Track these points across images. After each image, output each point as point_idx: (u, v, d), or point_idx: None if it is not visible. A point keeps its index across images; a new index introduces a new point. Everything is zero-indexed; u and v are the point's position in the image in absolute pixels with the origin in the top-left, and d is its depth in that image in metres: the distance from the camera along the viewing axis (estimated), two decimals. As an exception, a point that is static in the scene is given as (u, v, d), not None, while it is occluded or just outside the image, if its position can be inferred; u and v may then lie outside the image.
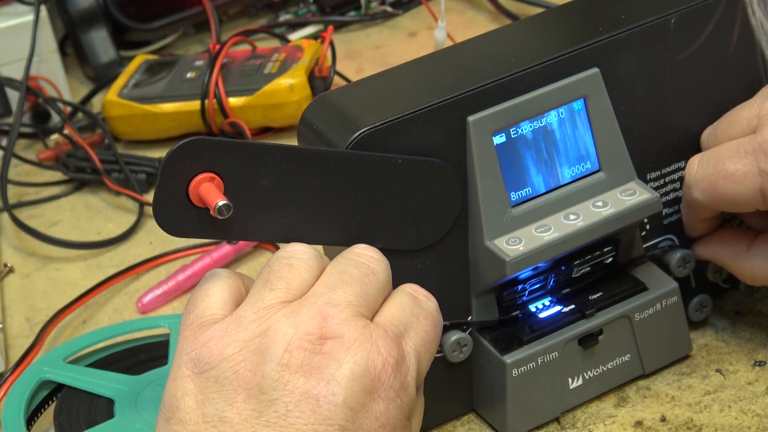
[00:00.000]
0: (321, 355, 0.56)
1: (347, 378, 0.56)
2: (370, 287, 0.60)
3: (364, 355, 0.57)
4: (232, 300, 0.60)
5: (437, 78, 0.68)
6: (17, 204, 1.00)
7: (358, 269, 0.60)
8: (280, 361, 0.56)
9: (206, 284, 0.61)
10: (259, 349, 0.56)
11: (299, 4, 1.22)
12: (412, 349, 0.59)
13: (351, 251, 0.62)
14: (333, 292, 0.59)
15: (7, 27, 1.07)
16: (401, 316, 0.60)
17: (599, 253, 0.71)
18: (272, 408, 0.55)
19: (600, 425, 0.71)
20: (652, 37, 0.70)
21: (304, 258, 0.61)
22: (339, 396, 0.56)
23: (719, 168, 0.67)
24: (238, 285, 0.61)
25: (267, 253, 0.91)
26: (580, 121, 0.69)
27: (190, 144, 0.61)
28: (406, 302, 0.61)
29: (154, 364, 0.74)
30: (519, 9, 1.16)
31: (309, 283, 0.60)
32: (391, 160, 0.65)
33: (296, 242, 0.62)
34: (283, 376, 0.56)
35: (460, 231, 0.68)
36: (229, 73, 1.04)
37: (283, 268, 0.60)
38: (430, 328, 0.61)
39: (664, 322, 0.72)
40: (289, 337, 0.56)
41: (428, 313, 0.62)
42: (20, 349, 0.82)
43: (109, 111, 1.05)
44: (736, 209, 0.69)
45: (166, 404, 0.58)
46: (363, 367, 0.56)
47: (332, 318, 0.57)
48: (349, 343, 0.57)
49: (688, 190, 0.70)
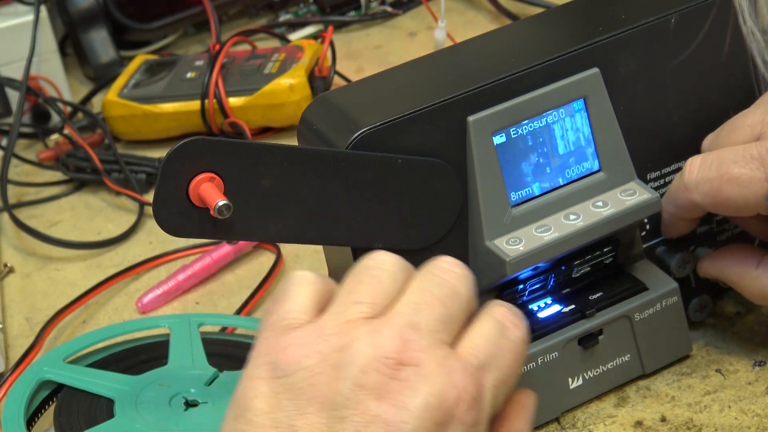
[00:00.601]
0: (397, 381, 0.55)
1: (420, 408, 0.55)
2: (453, 309, 0.58)
3: (439, 387, 0.55)
4: (316, 305, 0.59)
5: (437, 78, 0.68)
6: (17, 204, 1.00)
7: (442, 289, 0.58)
8: (355, 381, 0.55)
9: (291, 286, 0.60)
10: (336, 365, 0.56)
11: (299, 4, 1.22)
12: (491, 385, 0.57)
13: (436, 266, 0.59)
14: (415, 314, 0.57)
15: (7, 27, 1.07)
16: (485, 347, 0.58)
17: (599, 253, 0.71)
18: (342, 425, 0.55)
19: (600, 425, 0.71)
20: (652, 37, 0.70)
21: (391, 270, 0.59)
22: (409, 425, 0.55)
23: (723, 171, 0.67)
24: (323, 289, 0.60)
25: (267, 253, 0.91)
26: (580, 121, 0.69)
27: (190, 144, 0.61)
28: (492, 332, 0.59)
29: (154, 364, 0.74)
30: (519, 9, 1.16)
31: (393, 296, 0.58)
32: (391, 160, 0.65)
33: (382, 251, 0.60)
34: (357, 396, 0.55)
35: (460, 231, 0.68)
36: (229, 73, 1.04)
37: (370, 280, 0.59)
38: (512, 362, 0.59)
39: (664, 322, 0.72)
40: (367, 358, 0.56)
41: (514, 345, 0.59)
42: (20, 349, 0.82)
43: (109, 111, 1.05)
44: (735, 213, 0.68)
45: (236, 402, 0.57)
46: (437, 399, 0.55)
47: (413, 343, 0.56)
48: (426, 373, 0.55)
49: (684, 192, 0.69)
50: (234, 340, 0.78)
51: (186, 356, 0.74)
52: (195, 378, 0.71)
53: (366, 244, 0.66)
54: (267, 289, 0.86)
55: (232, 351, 0.76)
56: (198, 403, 0.69)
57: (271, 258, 0.90)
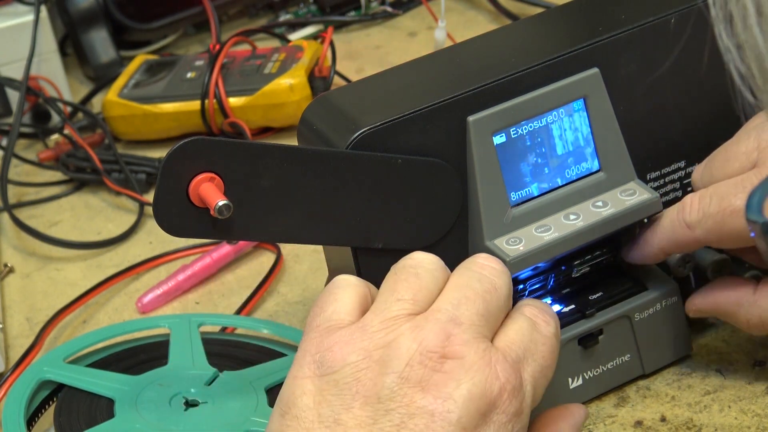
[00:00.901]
0: (441, 373, 0.57)
1: (464, 398, 0.57)
2: (492, 304, 0.60)
3: (482, 378, 0.57)
4: (360, 307, 0.61)
5: (437, 78, 0.68)
6: (17, 204, 1.00)
7: (481, 284, 0.61)
8: (400, 374, 0.57)
9: (335, 289, 0.61)
10: (381, 360, 0.57)
11: (299, 4, 1.22)
12: (530, 376, 0.60)
13: (474, 262, 0.62)
14: (457, 309, 0.59)
15: (7, 27, 1.07)
16: (521, 342, 0.60)
17: (599, 253, 0.71)
18: (387, 417, 0.56)
19: (600, 425, 0.71)
20: (652, 37, 0.70)
21: (430, 268, 0.61)
22: (454, 414, 0.56)
23: (725, 205, 0.66)
24: (366, 293, 0.62)
25: (267, 253, 0.91)
26: (580, 121, 0.69)
27: (190, 144, 0.61)
28: (525, 327, 0.61)
29: (154, 364, 0.74)
30: (519, 9, 1.16)
31: (434, 294, 0.60)
32: (391, 160, 0.65)
33: (420, 252, 0.62)
34: (401, 389, 0.57)
35: (460, 231, 0.68)
36: (229, 73, 1.04)
37: (410, 278, 0.60)
38: (548, 354, 0.61)
39: (664, 322, 0.72)
40: (411, 352, 0.57)
41: (547, 338, 0.62)
42: (20, 349, 0.82)
43: (109, 111, 1.05)
44: (739, 245, 0.68)
45: (283, 400, 0.59)
46: (480, 389, 0.57)
47: (455, 338, 0.58)
48: (469, 365, 0.57)
49: (686, 230, 0.68)
50: (234, 340, 0.78)
51: (186, 356, 0.74)
52: (195, 378, 0.71)
53: (366, 244, 0.66)
54: (267, 289, 0.86)
55: (232, 351, 0.76)
56: (198, 403, 0.69)
57: (271, 258, 0.90)
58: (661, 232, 0.69)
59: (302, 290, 0.86)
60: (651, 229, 0.70)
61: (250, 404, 0.69)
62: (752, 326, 0.69)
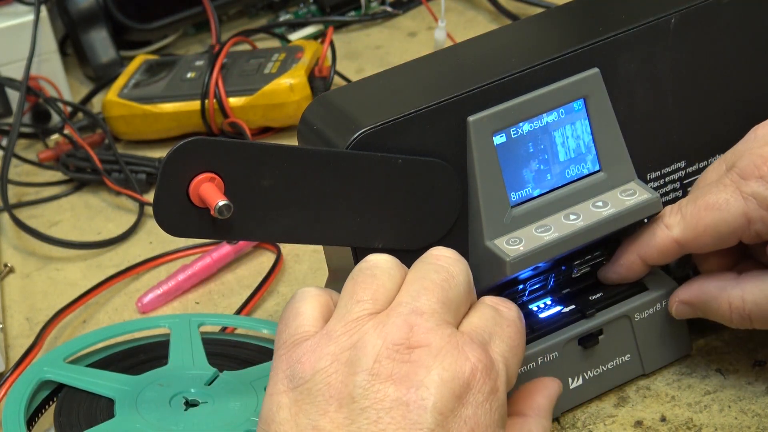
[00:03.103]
0: (409, 363, 0.58)
1: (436, 383, 0.57)
2: (452, 292, 0.61)
3: (451, 360, 0.58)
4: (322, 316, 0.62)
5: (437, 78, 0.68)
6: (17, 204, 1.00)
7: (438, 274, 0.61)
8: (370, 371, 0.57)
9: (297, 303, 0.62)
10: (349, 361, 0.58)
11: (299, 4, 1.22)
12: (500, 355, 0.61)
13: (429, 255, 0.63)
14: (417, 301, 0.60)
15: (7, 27, 1.07)
16: (485, 326, 0.61)
17: (599, 253, 0.71)
18: (363, 416, 0.57)
19: (600, 425, 0.71)
20: (652, 37, 0.70)
21: (386, 267, 0.62)
22: (428, 401, 0.57)
23: (700, 202, 0.67)
24: (327, 301, 0.63)
25: (267, 253, 0.91)
26: (580, 122, 0.69)
27: (190, 144, 0.61)
28: (487, 313, 0.62)
29: (154, 364, 0.74)
30: (519, 9, 1.16)
31: (392, 292, 0.61)
32: (391, 160, 0.65)
33: (374, 254, 0.63)
34: (373, 386, 0.57)
35: (460, 231, 0.68)
36: (229, 73, 1.04)
37: (367, 279, 0.61)
38: (514, 334, 0.62)
39: (664, 322, 0.72)
40: (378, 348, 0.58)
41: (510, 321, 0.63)
42: (20, 349, 0.82)
43: (109, 111, 1.05)
44: (718, 243, 0.68)
45: (262, 418, 0.60)
46: (451, 372, 0.58)
47: (418, 327, 0.59)
48: (437, 351, 0.58)
49: (664, 231, 0.68)
50: (234, 340, 0.78)
51: (186, 356, 0.74)
52: (195, 378, 0.71)
53: (366, 244, 0.66)
54: (267, 289, 0.86)
55: (232, 351, 0.76)
56: (198, 403, 0.69)
57: (271, 258, 0.90)
58: (643, 241, 0.70)
59: (302, 290, 0.86)
60: (630, 244, 0.70)
61: (250, 404, 0.69)
62: (734, 309, 0.68)
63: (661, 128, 0.72)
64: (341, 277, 0.69)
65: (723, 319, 0.69)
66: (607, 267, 0.71)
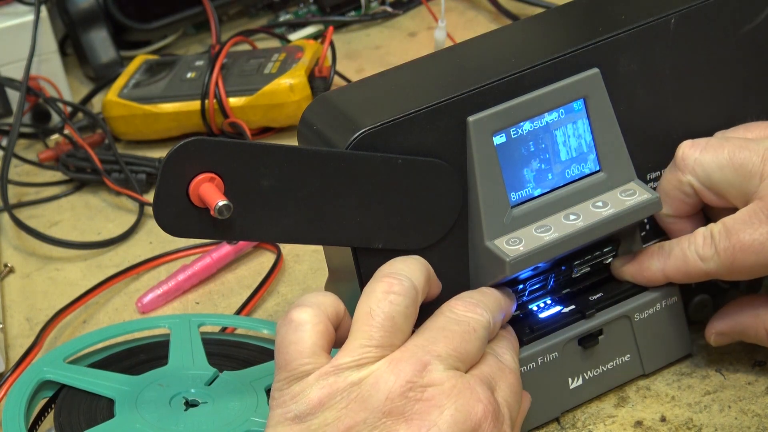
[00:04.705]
0: (422, 402, 0.57)
1: (448, 424, 0.57)
2: (470, 345, 0.61)
3: (464, 401, 0.58)
4: (323, 346, 0.60)
5: (437, 78, 0.68)
6: (17, 204, 1.00)
7: (459, 326, 0.62)
8: (382, 410, 0.57)
9: (293, 334, 0.60)
10: (360, 398, 0.57)
11: (299, 4, 1.22)
12: (504, 400, 0.61)
13: (453, 311, 0.63)
14: (433, 345, 0.60)
15: (7, 27, 1.07)
16: (489, 372, 0.62)
17: (599, 253, 0.71)
18: None
19: (600, 425, 0.71)
20: (652, 37, 0.70)
21: (402, 305, 0.60)
22: None
23: (734, 241, 0.66)
24: (325, 323, 0.60)
25: (267, 253, 0.91)
26: (580, 122, 0.69)
27: (190, 144, 0.61)
28: (491, 359, 0.63)
29: (154, 364, 0.74)
30: (519, 9, 1.16)
31: (407, 332, 0.61)
32: (391, 160, 0.65)
33: (392, 277, 0.61)
34: (385, 424, 0.57)
35: (460, 231, 0.68)
36: (229, 73, 1.04)
37: (384, 320, 0.60)
38: (514, 380, 0.63)
39: (664, 322, 0.72)
40: (390, 385, 0.57)
41: (512, 369, 0.63)
42: (20, 349, 0.82)
43: (109, 111, 1.05)
44: (750, 277, 0.68)
45: None
46: (464, 413, 0.57)
47: (432, 367, 0.59)
48: (449, 390, 0.58)
49: (697, 262, 0.68)
50: (234, 340, 0.78)
51: (186, 356, 0.74)
52: (195, 378, 0.71)
53: (366, 244, 0.66)
54: (267, 289, 0.86)
55: (232, 351, 0.76)
56: (198, 403, 0.69)
57: (271, 258, 0.90)
58: (672, 262, 0.69)
59: (302, 290, 0.86)
60: (657, 255, 0.70)
61: (250, 404, 0.69)
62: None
63: (661, 128, 0.72)
64: (341, 278, 0.69)
65: (761, 343, 0.70)
66: (624, 267, 0.71)
